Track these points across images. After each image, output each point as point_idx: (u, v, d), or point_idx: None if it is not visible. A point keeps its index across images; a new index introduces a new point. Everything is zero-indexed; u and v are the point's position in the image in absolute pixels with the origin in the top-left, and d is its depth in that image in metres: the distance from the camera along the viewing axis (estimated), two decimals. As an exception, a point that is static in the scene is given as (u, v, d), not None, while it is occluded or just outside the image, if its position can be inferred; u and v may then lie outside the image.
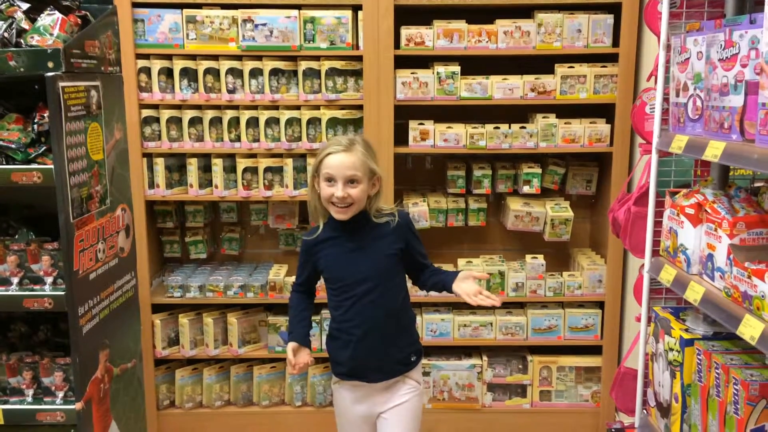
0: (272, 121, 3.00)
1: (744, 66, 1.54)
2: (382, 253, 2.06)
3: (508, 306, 3.19)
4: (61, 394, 2.12)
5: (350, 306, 2.06)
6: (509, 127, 2.99)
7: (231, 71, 2.96)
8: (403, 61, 2.96)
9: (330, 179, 1.99)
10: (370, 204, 2.07)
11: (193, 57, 2.96)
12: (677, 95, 1.91)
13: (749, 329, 1.47)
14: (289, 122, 2.99)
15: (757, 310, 1.49)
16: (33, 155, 2.04)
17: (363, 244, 2.06)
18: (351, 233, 2.07)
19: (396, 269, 2.10)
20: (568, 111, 3.04)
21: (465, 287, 2.05)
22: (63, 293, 2.02)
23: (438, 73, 2.94)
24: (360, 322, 2.06)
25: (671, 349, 1.91)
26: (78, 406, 2.06)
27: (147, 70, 2.95)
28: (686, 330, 1.91)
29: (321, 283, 2.20)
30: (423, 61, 3.02)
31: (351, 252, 2.06)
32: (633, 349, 2.41)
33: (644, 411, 2.20)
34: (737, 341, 1.78)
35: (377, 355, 2.07)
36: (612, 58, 2.94)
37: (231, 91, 2.98)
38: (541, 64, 3.00)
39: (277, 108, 3.00)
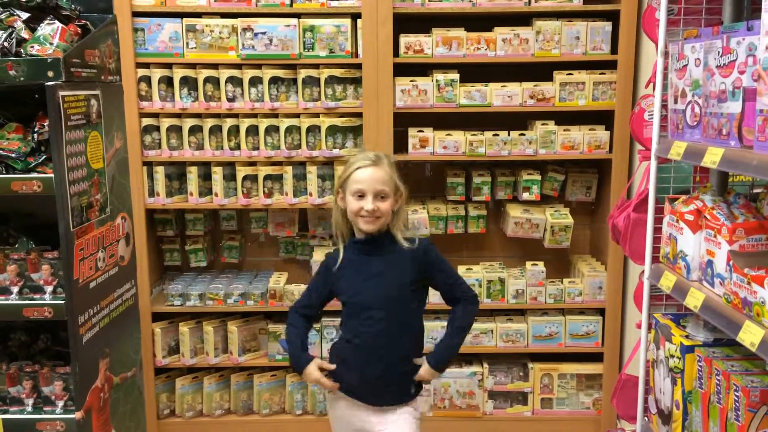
0: (272, 129, 3.01)
1: (741, 73, 1.54)
2: (397, 282, 2.05)
3: (509, 313, 3.19)
4: (61, 404, 2.12)
5: (359, 329, 2.07)
6: (508, 134, 2.99)
7: (231, 80, 2.97)
8: (402, 69, 2.97)
9: (359, 193, 2.01)
10: (393, 220, 2.08)
11: (193, 66, 2.97)
12: (675, 102, 1.92)
13: (749, 335, 1.47)
14: (289, 130, 3.00)
15: (757, 316, 1.49)
16: (33, 164, 2.04)
17: (381, 270, 2.06)
18: (371, 256, 2.07)
19: (409, 299, 2.08)
20: (567, 118, 3.04)
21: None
22: (63, 302, 2.02)
23: (437, 80, 2.95)
24: (369, 343, 2.06)
25: (672, 356, 1.91)
26: (78, 415, 2.06)
27: (147, 79, 2.96)
28: (687, 336, 1.90)
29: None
30: (422, 69, 3.03)
31: (368, 278, 2.06)
32: (634, 356, 2.41)
33: (645, 418, 2.19)
34: (738, 348, 1.78)
35: (377, 381, 2.07)
36: (610, 65, 2.95)
37: (231, 100, 2.99)
38: (539, 71, 3.01)
39: (276, 116, 3.01)
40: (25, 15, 2.10)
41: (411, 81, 2.95)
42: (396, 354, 2.07)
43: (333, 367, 2.10)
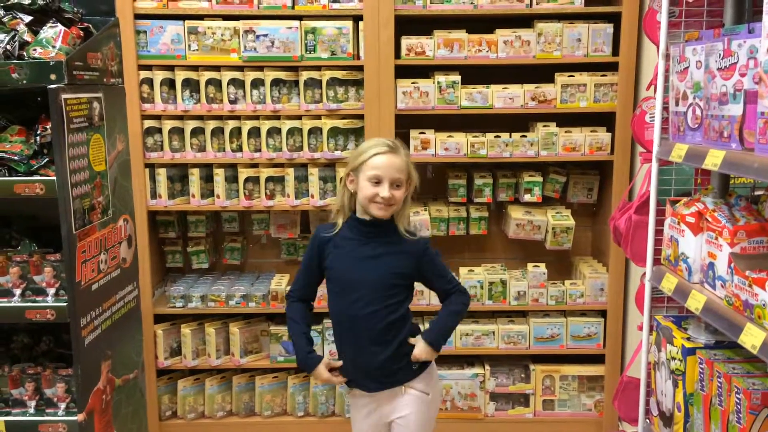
0: (274, 131, 3.01)
1: (743, 75, 1.54)
2: (389, 270, 2.05)
3: (510, 315, 3.19)
4: (63, 406, 2.12)
5: (346, 310, 2.06)
6: (510, 136, 3.00)
7: (233, 82, 2.98)
8: (403, 71, 2.97)
9: (376, 179, 2.00)
10: (400, 209, 2.08)
11: (195, 68, 2.98)
12: (677, 104, 1.92)
13: (750, 338, 1.47)
14: (291, 132, 3.00)
15: (758, 318, 1.49)
16: (35, 167, 2.05)
17: (375, 254, 2.06)
18: (369, 238, 2.06)
19: (399, 289, 2.08)
20: (569, 119, 3.05)
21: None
22: (65, 304, 2.03)
23: (438, 82, 2.95)
24: (353, 324, 2.06)
25: (673, 358, 1.91)
26: (80, 417, 2.06)
27: (149, 81, 2.97)
28: (688, 339, 1.90)
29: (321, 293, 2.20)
30: (424, 71, 3.03)
31: (362, 258, 2.06)
32: (635, 358, 2.41)
33: (647, 420, 2.19)
34: (739, 350, 1.78)
35: (370, 364, 2.07)
36: (612, 67, 2.95)
37: (233, 102, 2.99)
38: (541, 73, 3.01)
39: (278, 118, 3.01)
40: (27, 18, 2.11)
41: (412, 83, 2.96)
42: (382, 339, 2.05)
43: (340, 363, 2.11)
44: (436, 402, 2.19)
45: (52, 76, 1.94)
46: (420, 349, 2.09)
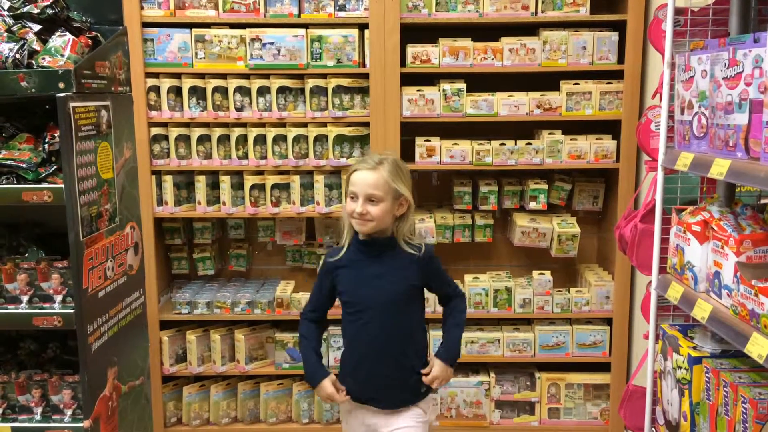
0: (279, 139, 3.02)
1: (748, 84, 1.54)
2: (399, 285, 2.06)
3: (516, 322, 3.19)
4: (69, 412, 2.13)
5: (360, 329, 2.08)
6: (515, 144, 3.00)
7: (239, 89, 2.99)
8: (409, 79, 2.98)
9: (352, 195, 2.04)
10: (397, 226, 2.09)
11: (201, 76, 3.00)
12: (682, 113, 1.92)
13: (757, 347, 1.47)
14: (297, 139, 3.01)
15: (764, 328, 1.49)
16: (44, 174, 2.06)
17: (383, 271, 2.07)
18: (374, 257, 2.08)
19: (411, 301, 2.10)
20: (574, 127, 3.05)
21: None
22: (72, 311, 2.04)
23: (444, 90, 2.96)
24: (368, 346, 2.07)
25: (679, 367, 1.90)
26: (86, 424, 2.07)
27: (156, 89, 2.98)
28: (694, 348, 1.90)
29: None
30: (429, 79, 3.04)
31: (369, 278, 2.07)
32: (641, 367, 2.40)
33: (653, 429, 2.19)
34: (745, 359, 1.77)
35: (383, 382, 2.08)
36: (617, 75, 2.96)
37: (239, 109, 3.01)
38: (546, 81, 3.02)
39: (284, 125, 3.03)
40: (36, 27, 2.12)
41: (418, 90, 2.97)
42: (397, 357, 2.08)
43: (344, 392, 2.11)
44: (428, 424, 2.19)
45: (61, 85, 1.95)
46: (439, 369, 2.11)
